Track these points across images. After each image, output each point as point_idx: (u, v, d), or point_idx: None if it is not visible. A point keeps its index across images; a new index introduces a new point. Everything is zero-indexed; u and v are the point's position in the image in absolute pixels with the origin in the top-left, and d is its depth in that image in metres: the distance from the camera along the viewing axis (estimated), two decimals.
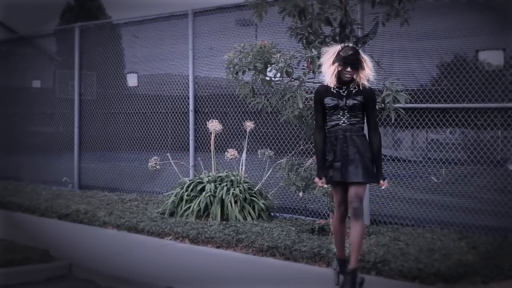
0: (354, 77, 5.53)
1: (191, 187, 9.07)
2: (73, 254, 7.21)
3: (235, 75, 7.82)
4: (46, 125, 14.23)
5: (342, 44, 5.67)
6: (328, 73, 5.58)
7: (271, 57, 7.53)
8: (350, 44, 5.67)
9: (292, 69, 7.20)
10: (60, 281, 6.63)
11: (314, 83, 7.96)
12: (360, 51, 5.60)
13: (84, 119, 12.72)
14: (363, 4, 7.99)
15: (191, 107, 10.60)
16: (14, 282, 6.45)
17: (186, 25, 10.74)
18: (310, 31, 7.28)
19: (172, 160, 9.88)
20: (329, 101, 5.57)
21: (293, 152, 8.51)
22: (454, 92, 7.89)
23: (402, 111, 7.10)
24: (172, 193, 9.33)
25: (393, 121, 7.14)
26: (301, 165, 7.78)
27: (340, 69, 5.50)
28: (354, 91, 5.55)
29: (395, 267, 6.16)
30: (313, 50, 6.98)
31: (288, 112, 7.31)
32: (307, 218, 8.75)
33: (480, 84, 7.76)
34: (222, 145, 9.80)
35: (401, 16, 7.38)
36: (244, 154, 9.31)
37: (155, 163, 9.68)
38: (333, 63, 5.53)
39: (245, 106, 9.22)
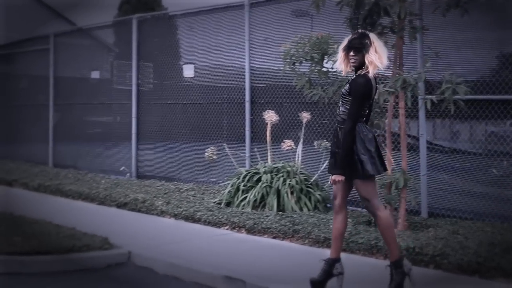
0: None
1: (247, 177, 9.12)
2: (132, 242, 7.35)
3: (291, 66, 7.82)
4: (104, 115, 14.50)
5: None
6: (337, 60, 5.57)
7: (328, 48, 7.51)
8: (361, 30, 5.62)
9: None
10: (119, 268, 6.76)
11: None
12: (371, 36, 5.43)
13: (141, 109, 12.88)
14: None
15: (247, 98, 10.63)
16: (75, 268, 6.60)
17: (242, 16, 10.75)
18: (368, 22, 7.22)
19: (229, 150, 9.95)
20: None
21: None
22: None
23: (462, 102, 6.98)
24: (228, 183, 9.40)
25: (452, 112, 7.04)
26: None
27: (344, 53, 5.46)
28: (350, 80, 5.47)
29: (454, 260, 6.08)
30: None
31: None
32: (363, 210, 8.67)
33: None
34: (278, 136, 9.80)
35: (461, 6, 7.26)
36: (300, 145, 9.31)
37: (211, 153, 9.75)
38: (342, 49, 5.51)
39: (302, 97, 9.19)
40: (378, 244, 6.68)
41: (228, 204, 9.09)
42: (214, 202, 9.28)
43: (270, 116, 9.46)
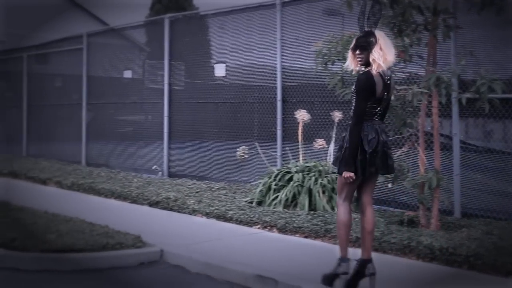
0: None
1: (279, 176, 9.12)
2: (164, 240, 7.37)
3: (324, 66, 7.80)
4: (136, 114, 14.60)
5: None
6: (348, 59, 5.64)
7: None
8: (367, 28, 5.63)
9: None
10: (151, 266, 6.79)
11: (403, 72, 7.86)
12: (377, 33, 5.43)
13: (173, 108, 12.94)
14: None
15: (278, 97, 10.62)
16: (108, 266, 6.65)
17: (274, 15, 10.75)
18: (402, 20, 7.18)
19: (260, 149, 9.95)
20: None
21: None
22: None
23: (497, 101, 6.90)
24: (260, 183, 9.41)
25: (486, 111, 6.96)
26: None
27: (352, 52, 5.53)
28: None
29: (488, 261, 6.00)
30: (405, 38, 6.89)
31: None
32: (395, 209, 8.64)
33: None
34: (310, 135, 9.78)
35: (496, 4, 7.17)
36: (332, 144, 9.28)
37: (243, 152, 9.77)
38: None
39: (333, 96, 9.15)
40: (411, 244, 6.63)
41: (260, 203, 9.10)
42: (246, 201, 9.30)
43: (302, 115, 9.45)
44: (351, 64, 5.58)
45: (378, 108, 5.42)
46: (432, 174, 7.25)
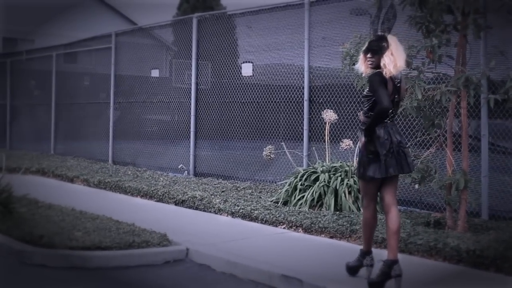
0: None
1: (305, 176, 9.10)
2: (190, 239, 7.40)
3: (352, 66, 7.77)
4: (163, 113, 14.66)
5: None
6: (358, 61, 5.76)
7: None
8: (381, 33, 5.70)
9: (411, 59, 7.07)
10: (177, 264, 6.82)
11: (432, 73, 7.79)
12: (389, 38, 5.51)
13: (199, 107, 12.97)
14: None
15: (305, 96, 10.60)
16: (134, 264, 6.69)
17: (302, 14, 10.73)
18: (431, 20, 7.12)
19: (286, 149, 9.93)
20: None
21: (409, 144, 8.34)
22: None
23: None
24: (285, 182, 9.40)
25: None
26: (418, 157, 7.64)
27: (363, 55, 5.63)
28: None
29: None
30: (433, 39, 6.84)
31: (407, 103, 7.20)
32: (422, 211, 8.57)
33: None
34: (337, 135, 9.75)
35: None
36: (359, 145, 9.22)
37: (269, 152, 9.76)
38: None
39: (361, 96, 9.09)
40: (437, 245, 6.57)
41: (285, 203, 9.08)
42: (271, 201, 9.29)
43: (329, 115, 9.42)
44: (361, 66, 5.69)
45: (389, 111, 5.48)
46: (459, 175, 7.18)
